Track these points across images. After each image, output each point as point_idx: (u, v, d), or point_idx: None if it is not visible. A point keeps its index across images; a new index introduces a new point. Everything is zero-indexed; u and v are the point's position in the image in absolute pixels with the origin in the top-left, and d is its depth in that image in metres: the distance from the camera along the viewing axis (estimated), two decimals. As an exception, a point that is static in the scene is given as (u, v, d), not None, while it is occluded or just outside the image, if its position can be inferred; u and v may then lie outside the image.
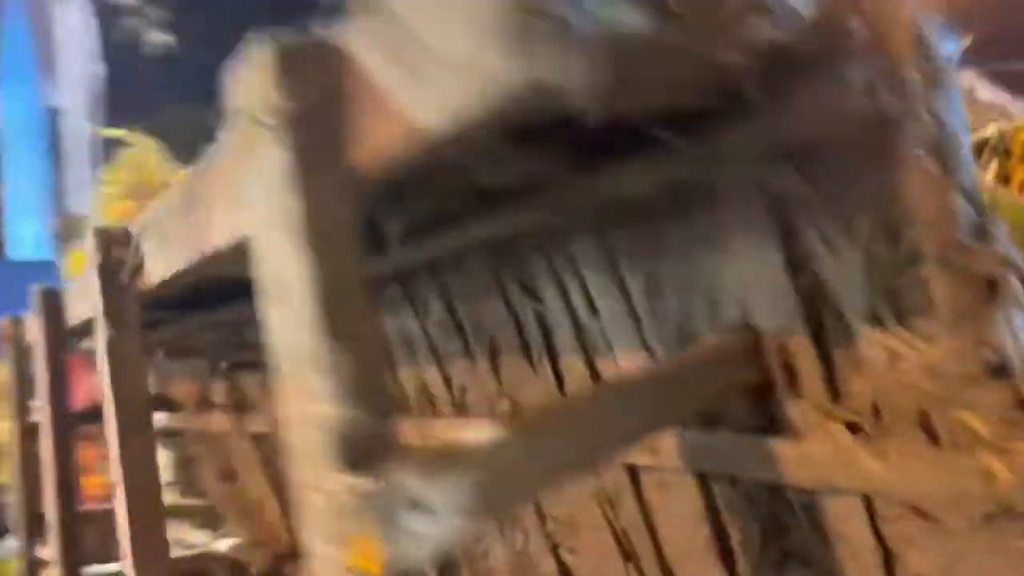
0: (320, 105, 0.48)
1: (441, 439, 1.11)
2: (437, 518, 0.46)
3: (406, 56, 0.43)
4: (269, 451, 1.84)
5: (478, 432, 1.06)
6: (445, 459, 0.48)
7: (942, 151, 0.51)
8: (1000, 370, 0.53)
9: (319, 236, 0.48)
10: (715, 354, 0.67)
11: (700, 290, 0.71)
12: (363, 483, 0.46)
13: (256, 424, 1.75)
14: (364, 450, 0.47)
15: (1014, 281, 0.52)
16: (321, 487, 0.48)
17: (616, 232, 0.75)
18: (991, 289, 0.52)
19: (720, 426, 0.70)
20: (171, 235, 0.82)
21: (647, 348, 0.78)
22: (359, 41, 0.47)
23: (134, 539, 0.99)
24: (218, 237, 0.70)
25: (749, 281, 0.66)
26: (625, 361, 0.81)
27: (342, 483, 0.46)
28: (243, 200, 0.58)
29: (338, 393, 0.47)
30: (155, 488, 1.02)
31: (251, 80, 0.50)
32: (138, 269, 0.97)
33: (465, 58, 0.39)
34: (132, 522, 0.99)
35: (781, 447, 0.66)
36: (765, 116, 0.54)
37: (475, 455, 0.52)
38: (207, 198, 0.71)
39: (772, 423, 0.67)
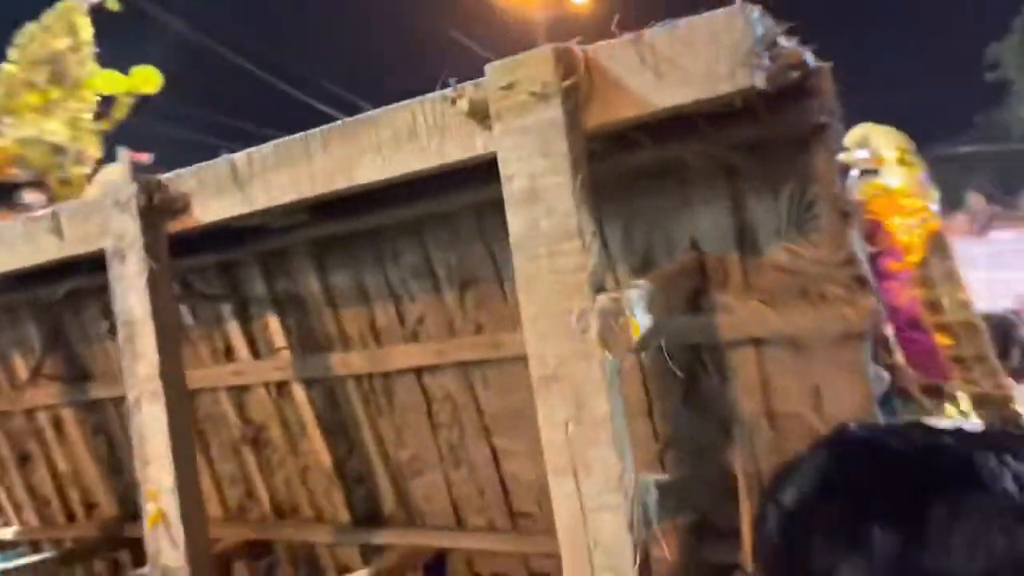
0: (572, 86, 0.82)
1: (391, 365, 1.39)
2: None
3: (653, 65, 0.80)
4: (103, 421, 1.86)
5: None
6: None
7: (833, 148, 1.00)
8: (850, 261, 1.03)
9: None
10: (680, 268, 1.10)
11: (663, 230, 1.13)
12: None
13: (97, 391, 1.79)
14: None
15: (860, 214, 1.03)
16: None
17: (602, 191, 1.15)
18: (848, 218, 1.02)
19: (676, 312, 1.13)
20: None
21: (615, 275, 1.18)
22: (606, 53, 0.81)
23: None
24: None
25: (701, 223, 1.10)
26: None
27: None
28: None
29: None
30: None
31: (532, 65, 0.82)
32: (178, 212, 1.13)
33: (703, 68, 0.78)
34: None
35: (719, 317, 1.11)
36: (744, 123, 0.98)
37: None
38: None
39: (712, 307, 1.12)
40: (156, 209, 1.14)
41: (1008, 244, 9.19)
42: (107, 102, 3.22)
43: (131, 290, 1.15)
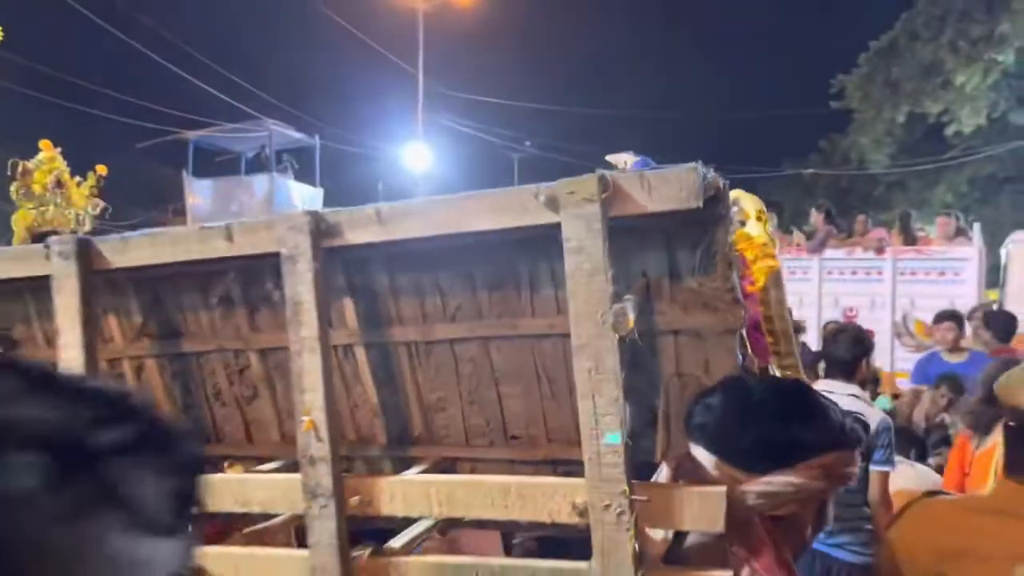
0: (606, 196, 1.58)
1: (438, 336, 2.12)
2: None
3: (648, 189, 1.57)
4: None
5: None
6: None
7: (726, 226, 1.81)
8: (731, 288, 1.84)
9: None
10: (638, 287, 1.89)
11: (630, 265, 1.91)
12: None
13: None
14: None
15: (737, 259, 1.85)
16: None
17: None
18: (731, 263, 1.83)
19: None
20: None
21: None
22: (624, 181, 1.58)
23: None
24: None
25: (649, 262, 1.89)
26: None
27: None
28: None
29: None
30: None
31: (586, 183, 1.57)
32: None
33: (675, 193, 1.56)
34: None
35: (656, 317, 1.90)
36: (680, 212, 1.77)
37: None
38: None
39: (653, 310, 1.91)
40: (321, 232, 1.83)
41: (839, 261, 10.61)
42: None
43: (300, 283, 1.83)
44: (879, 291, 10.09)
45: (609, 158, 2.61)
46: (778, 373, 2.19)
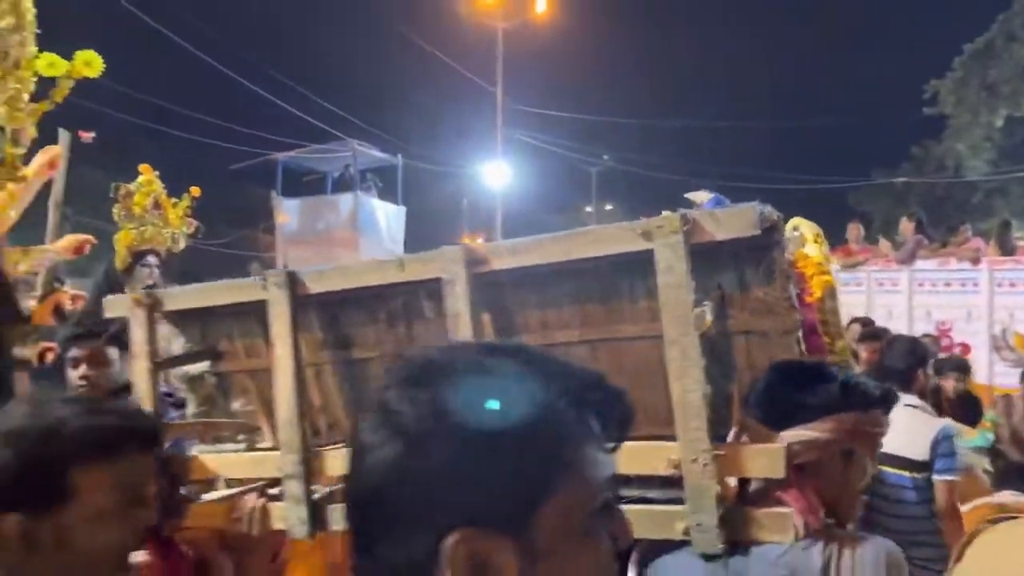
0: (687, 228, 2.13)
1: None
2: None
3: (716, 222, 2.11)
4: None
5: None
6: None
7: (781, 247, 2.32)
8: (788, 297, 2.35)
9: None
10: (714, 297, 2.42)
11: (708, 280, 2.45)
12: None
13: None
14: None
15: (793, 272, 2.37)
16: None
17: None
18: (788, 276, 2.34)
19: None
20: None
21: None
22: (701, 217, 2.13)
23: None
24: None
25: (723, 277, 2.42)
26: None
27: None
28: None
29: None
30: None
31: (671, 220, 2.12)
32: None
33: (738, 224, 2.10)
34: None
35: (729, 320, 2.42)
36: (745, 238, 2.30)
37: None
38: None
39: (727, 315, 2.43)
40: (471, 261, 2.43)
41: (931, 272, 10.55)
42: (45, 83, 3.21)
43: (458, 301, 2.43)
44: (975, 303, 9.89)
45: (688, 195, 3.15)
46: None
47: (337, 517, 2.64)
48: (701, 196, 3.10)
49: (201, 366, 3.27)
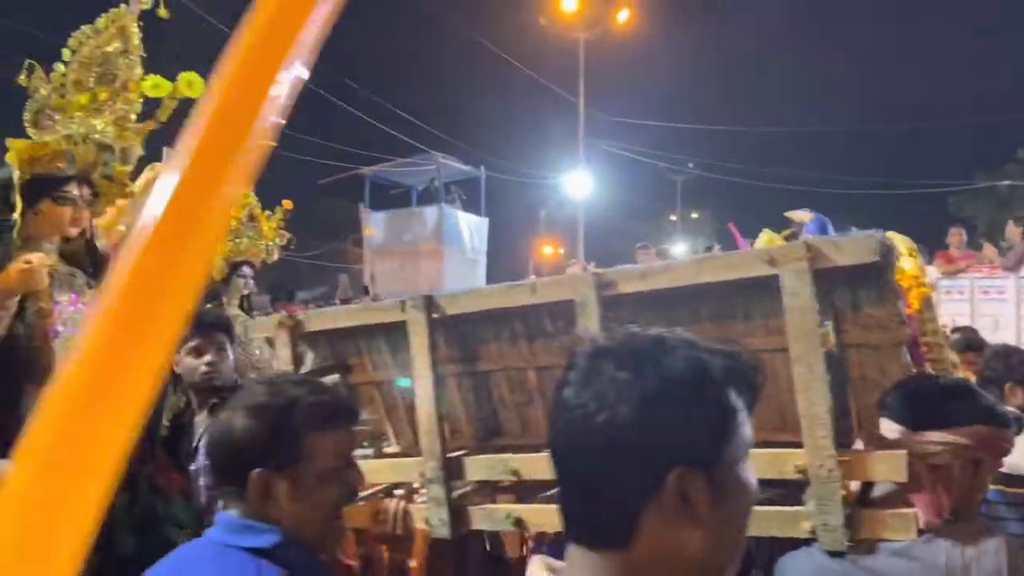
0: (811, 256, 2.35)
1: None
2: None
3: (837, 250, 2.33)
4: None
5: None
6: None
7: (892, 269, 2.53)
8: (898, 313, 2.56)
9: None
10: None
11: (827, 303, 2.67)
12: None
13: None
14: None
15: (901, 291, 2.58)
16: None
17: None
18: (897, 295, 2.55)
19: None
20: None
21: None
22: (822, 244, 2.35)
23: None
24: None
25: (839, 299, 2.63)
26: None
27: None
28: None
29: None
30: None
31: (794, 249, 2.34)
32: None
33: (859, 251, 2.32)
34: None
35: (846, 334, 2.64)
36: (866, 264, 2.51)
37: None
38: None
39: (845, 331, 2.65)
40: (601, 285, 2.67)
41: (1040, 280, 9.74)
42: (150, 103, 3.32)
43: (589, 321, 2.67)
44: (1088, 312, 9.15)
45: (788, 214, 3.35)
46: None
47: (477, 517, 2.90)
48: (802, 215, 3.31)
49: (332, 378, 3.55)
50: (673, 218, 29.43)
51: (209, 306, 4.65)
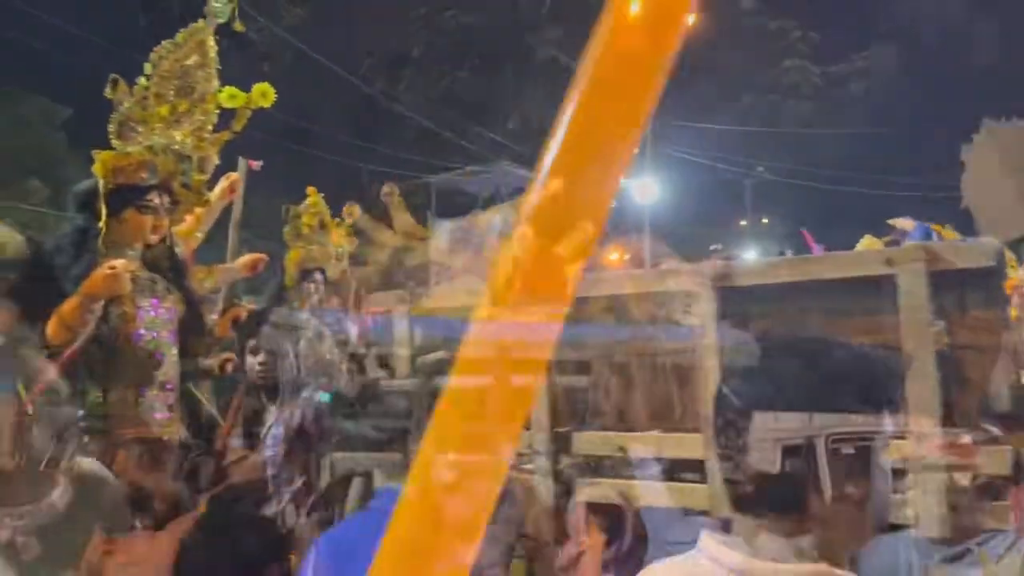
0: (927, 258, 2.49)
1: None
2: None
3: (954, 252, 2.47)
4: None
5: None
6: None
7: (1002, 273, 2.65)
8: (1003, 317, 2.68)
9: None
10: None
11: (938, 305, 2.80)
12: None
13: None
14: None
15: (1009, 313, 2.70)
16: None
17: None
18: (1003, 301, 2.68)
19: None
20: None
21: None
22: (939, 246, 2.48)
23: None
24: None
25: (945, 302, 2.76)
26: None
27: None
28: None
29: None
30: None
31: (911, 250, 2.49)
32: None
33: (974, 256, 2.45)
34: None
35: (955, 337, 2.77)
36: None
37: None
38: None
39: (955, 332, 2.78)
40: (717, 277, 2.84)
41: None
42: (225, 114, 3.39)
43: (706, 313, 2.84)
44: None
45: (890, 222, 3.47)
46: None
47: (582, 489, 3.09)
48: (904, 223, 3.43)
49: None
50: (743, 223, 29.11)
51: (281, 310, 4.71)
